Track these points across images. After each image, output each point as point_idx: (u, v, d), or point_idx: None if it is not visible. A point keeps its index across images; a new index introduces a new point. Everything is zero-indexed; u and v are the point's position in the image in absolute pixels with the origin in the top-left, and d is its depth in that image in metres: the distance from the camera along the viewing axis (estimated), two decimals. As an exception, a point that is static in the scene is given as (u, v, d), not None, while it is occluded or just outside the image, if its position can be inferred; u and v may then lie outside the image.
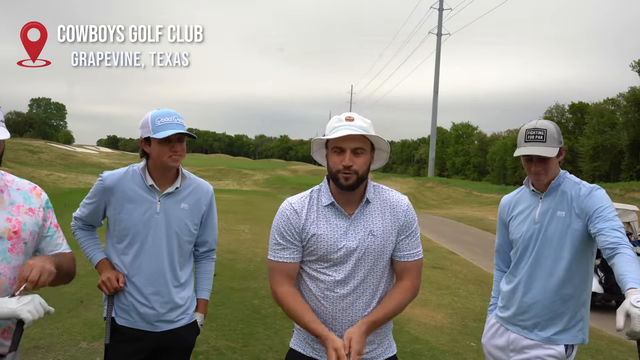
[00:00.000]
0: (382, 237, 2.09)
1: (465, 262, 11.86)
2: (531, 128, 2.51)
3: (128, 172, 2.54)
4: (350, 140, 2.00)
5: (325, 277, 2.09)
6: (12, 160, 38.60)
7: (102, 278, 2.47)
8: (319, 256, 2.08)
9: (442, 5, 56.12)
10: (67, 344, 4.83)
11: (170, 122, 2.42)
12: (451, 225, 20.43)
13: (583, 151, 47.42)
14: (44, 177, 32.06)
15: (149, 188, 2.51)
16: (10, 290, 1.89)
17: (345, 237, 2.07)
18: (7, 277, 1.90)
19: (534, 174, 2.53)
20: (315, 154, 2.27)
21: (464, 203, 34.65)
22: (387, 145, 2.15)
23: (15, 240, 1.93)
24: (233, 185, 46.33)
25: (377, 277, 2.10)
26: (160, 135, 2.38)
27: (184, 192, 2.58)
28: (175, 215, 2.53)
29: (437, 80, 55.89)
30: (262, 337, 5.51)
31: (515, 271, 2.66)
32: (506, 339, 2.68)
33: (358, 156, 2.02)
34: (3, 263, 1.89)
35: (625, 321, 1.73)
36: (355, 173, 2.01)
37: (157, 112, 2.46)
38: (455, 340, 5.90)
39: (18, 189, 2.05)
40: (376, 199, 2.14)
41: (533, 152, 2.47)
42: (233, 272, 8.36)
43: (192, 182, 2.65)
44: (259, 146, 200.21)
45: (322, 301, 2.09)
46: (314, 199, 2.16)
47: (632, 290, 1.82)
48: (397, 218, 2.12)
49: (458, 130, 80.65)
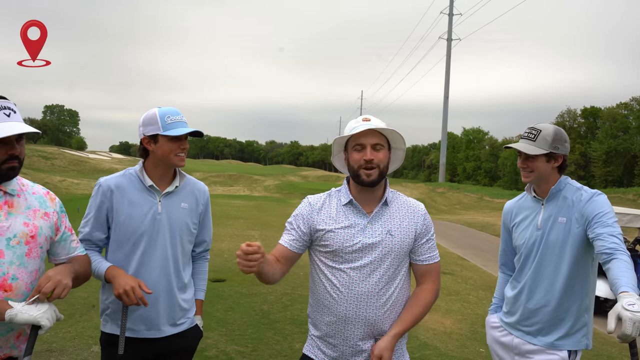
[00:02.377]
0: (400, 237, 2.16)
1: (475, 267, 11.81)
2: (530, 127, 2.59)
3: (125, 175, 2.50)
4: (369, 135, 2.13)
5: (339, 272, 2.14)
6: (27, 166, 39.03)
7: (125, 287, 2.25)
8: (335, 250, 2.15)
9: (452, 10, 56.08)
10: (79, 347, 4.90)
11: (180, 121, 2.43)
12: (462, 231, 20.33)
13: (596, 156, 47.04)
14: (57, 183, 32.38)
15: (149, 189, 2.46)
16: (27, 294, 1.95)
17: (363, 234, 2.14)
18: (24, 281, 1.95)
19: (521, 170, 2.62)
20: (335, 158, 2.36)
21: (475, 208, 34.44)
22: (403, 142, 2.25)
23: (32, 244, 1.99)
24: (244, 191, 46.41)
25: (392, 276, 2.15)
26: (173, 132, 2.37)
27: (182, 191, 2.56)
28: (177, 215, 2.50)
29: (447, 85, 55.76)
30: (271, 342, 5.54)
31: (519, 277, 2.68)
32: (510, 340, 2.70)
33: (378, 151, 2.14)
34: (20, 268, 1.94)
35: (617, 324, 1.75)
36: (377, 167, 2.12)
37: (164, 109, 2.43)
38: (464, 346, 5.89)
39: (34, 192, 2.11)
40: (394, 202, 2.24)
41: (516, 146, 2.55)
42: (242, 278, 8.40)
43: (189, 181, 2.63)
44: (270, 152, 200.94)
45: (336, 298, 2.14)
46: (333, 197, 2.26)
47: (624, 293, 1.85)
48: (416, 222, 2.22)
49: (469, 135, 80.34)
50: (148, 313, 2.41)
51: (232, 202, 29.92)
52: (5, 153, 1.89)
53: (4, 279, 1.89)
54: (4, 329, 1.91)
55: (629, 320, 1.71)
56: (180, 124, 2.42)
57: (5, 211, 1.95)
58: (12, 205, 1.98)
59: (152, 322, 2.45)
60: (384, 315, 2.13)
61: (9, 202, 1.98)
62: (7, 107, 1.92)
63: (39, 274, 2.03)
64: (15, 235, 1.94)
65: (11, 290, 1.91)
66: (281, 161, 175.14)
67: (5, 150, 1.89)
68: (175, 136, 2.40)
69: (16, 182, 2.05)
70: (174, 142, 2.41)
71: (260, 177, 57.34)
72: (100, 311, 2.54)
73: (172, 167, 2.50)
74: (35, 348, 2.36)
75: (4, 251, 1.90)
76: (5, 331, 1.93)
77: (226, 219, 17.51)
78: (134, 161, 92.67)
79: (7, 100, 1.95)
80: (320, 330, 2.22)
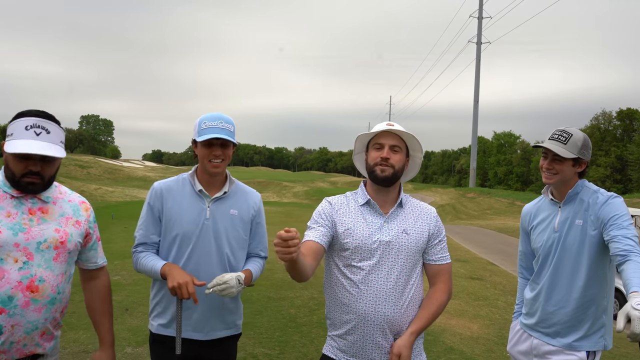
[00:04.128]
0: (415, 236, 2.27)
1: (505, 273, 11.65)
2: (560, 129, 2.60)
3: (178, 180, 2.55)
4: (389, 137, 2.28)
5: (358, 270, 2.23)
6: (64, 175, 40.27)
7: (178, 280, 2.26)
8: (353, 248, 2.24)
9: (482, 13, 55.53)
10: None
11: (214, 126, 2.39)
12: (492, 236, 20.06)
13: (632, 159, 45.66)
14: (92, 191, 33.32)
15: (198, 193, 2.49)
16: (52, 296, 2.08)
17: (380, 232, 2.25)
18: (50, 283, 2.08)
19: (545, 171, 2.60)
20: (356, 157, 2.50)
21: (506, 214, 33.89)
22: (421, 149, 2.37)
23: (60, 249, 2.13)
24: (273, 197, 46.82)
25: (407, 274, 2.24)
26: (202, 138, 2.38)
27: (232, 197, 2.56)
28: (224, 221, 2.50)
29: (477, 89, 55.14)
30: (297, 345, 5.63)
31: (537, 279, 2.70)
32: (529, 344, 2.73)
33: (395, 153, 2.27)
34: (47, 270, 2.07)
35: (626, 324, 1.77)
36: (391, 167, 2.25)
37: (206, 115, 2.45)
38: (491, 351, 5.85)
39: (70, 200, 2.27)
40: (408, 205, 2.37)
41: (549, 145, 2.54)
42: (271, 282, 8.53)
43: (240, 187, 2.63)
44: (299, 158, 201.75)
45: (356, 296, 2.22)
46: (350, 198, 2.39)
47: (635, 293, 1.87)
48: (429, 223, 2.34)
49: (500, 139, 79.17)
50: (194, 314, 2.44)
51: (261, 209, 30.16)
52: (25, 167, 2.02)
53: (32, 280, 2.01)
54: (30, 327, 2.03)
55: (637, 319, 1.74)
56: (212, 129, 2.39)
57: (38, 217, 2.09)
58: (46, 212, 2.13)
59: (197, 324, 2.47)
60: (402, 313, 2.20)
61: (43, 209, 2.12)
62: (40, 127, 2.03)
63: (65, 277, 2.16)
64: (45, 239, 2.07)
65: (37, 291, 2.02)
66: (310, 167, 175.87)
67: (25, 165, 2.02)
68: (208, 142, 2.40)
69: (54, 190, 2.21)
70: (207, 148, 2.41)
71: (290, 184, 57.69)
72: (151, 310, 2.57)
73: (210, 174, 2.48)
74: (72, 349, 2.48)
75: (33, 254, 2.03)
76: (31, 329, 2.03)
77: (255, 225, 18.02)
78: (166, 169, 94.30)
79: (45, 120, 2.05)
80: (339, 329, 2.29)
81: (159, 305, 2.52)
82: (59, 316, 2.18)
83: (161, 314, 2.50)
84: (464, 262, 12.78)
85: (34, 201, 2.10)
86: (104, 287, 2.43)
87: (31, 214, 2.08)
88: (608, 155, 49.88)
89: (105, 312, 2.41)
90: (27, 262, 2.01)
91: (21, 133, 2.00)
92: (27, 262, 2.01)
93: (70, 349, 5.10)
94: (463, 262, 12.63)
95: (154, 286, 2.57)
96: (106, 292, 2.43)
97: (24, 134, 2.00)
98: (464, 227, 23.75)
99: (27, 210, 2.07)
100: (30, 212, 2.08)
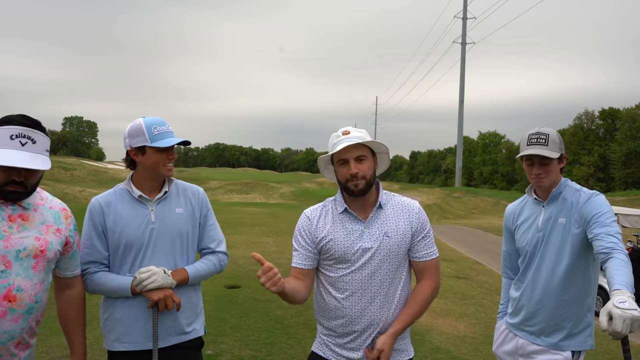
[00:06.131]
0: (397, 238, 2.23)
1: (491, 272, 11.75)
2: (534, 132, 2.61)
3: (116, 192, 2.48)
4: (350, 150, 2.20)
5: (342, 277, 2.22)
6: (47, 177, 39.74)
7: (165, 292, 2.30)
8: (336, 258, 2.23)
9: (466, 14, 55.98)
10: (97, 352, 5.01)
11: (167, 131, 2.42)
12: (478, 236, 20.21)
13: (615, 158, 46.34)
14: (76, 194, 32.90)
15: (139, 199, 2.44)
16: (30, 305, 2.03)
17: (361, 239, 2.22)
18: (28, 293, 2.03)
19: (535, 177, 2.60)
20: (324, 172, 2.46)
21: (492, 213, 34.15)
22: (385, 147, 2.32)
23: (40, 258, 2.08)
24: (260, 198, 46.68)
25: (393, 276, 2.23)
26: (161, 144, 2.36)
27: (175, 196, 2.52)
28: (171, 222, 2.46)
29: (462, 90, 55.56)
30: (284, 347, 5.61)
31: (522, 278, 2.72)
32: (515, 344, 2.74)
33: (361, 163, 2.21)
34: (25, 279, 2.02)
35: (608, 322, 1.79)
36: (363, 178, 2.19)
37: (149, 120, 2.41)
38: (477, 350, 5.89)
39: (51, 207, 2.20)
40: (389, 204, 2.31)
41: (536, 151, 2.55)
42: (257, 284, 8.49)
43: (180, 185, 2.59)
44: (285, 159, 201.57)
45: (342, 302, 2.22)
46: (329, 207, 2.35)
47: (617, 291, 1.88)
48: (411, 220, 2.28)
49: (485, 139, 79.82)
50: (149, 324, 2.39)
51: (247, 210, 30.12)
52: (7, 176, 1.96)
53: (9, 290, 1.96)
54: (6, 337, 1.98)
55: (619, 317, 1.76)
56: (167, 134, 2.41)
57: (18, 224, 2.04)
58: (27, 219, 2.07)
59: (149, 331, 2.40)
60: (390, 314, 2.20)
61: (24, 216, 2.06)
62: (26, 136, 1.98)
63: (43, 286, 2.11)
64: (25, 248, 2.02)
65: (15, 300, 1.97)
66: (297, 168, 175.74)
67: (8, 174, 1.96)
68: (164, 147, 2.39)
69: (35, 196, 2.14)
70: (162, 153, 2.40)
71: (276, 185, 57.59)
72: (104, 329, 2.47)
73: (161, 178, 2.49)
74: (55, 353, 2.43)
75: (12, 263, 1.98)
76: (6, 339, 1.98)
77: (241, 227, 17.59)
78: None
79: (31, 130, 2.00)
80: (328, 329, 2.30)
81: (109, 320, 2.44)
82: (35, 325, 2.13)
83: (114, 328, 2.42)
84: (450, 261, 12.86)
85: (15, 208, 2.05)
86: (79, 296, 2.37)
87: (11, 221, 2.02)
88: (591, 154, 50.50)
89: (80, 322, 2.36)
90: (5, 271, 1.96)
91: (6, 142, 1.95)
92: (5, 271, 1.96)
93: (53, 354, 5.03)
94: (449, 262, 12.71)
95: (105, 301, 2.47)
96: (81, 301, 2.37)
97: (8, 144, 1.95)
98: (450, 227, 23.89)
99: (7, 217, 2.02)
100: (10, 219, 2.02)
